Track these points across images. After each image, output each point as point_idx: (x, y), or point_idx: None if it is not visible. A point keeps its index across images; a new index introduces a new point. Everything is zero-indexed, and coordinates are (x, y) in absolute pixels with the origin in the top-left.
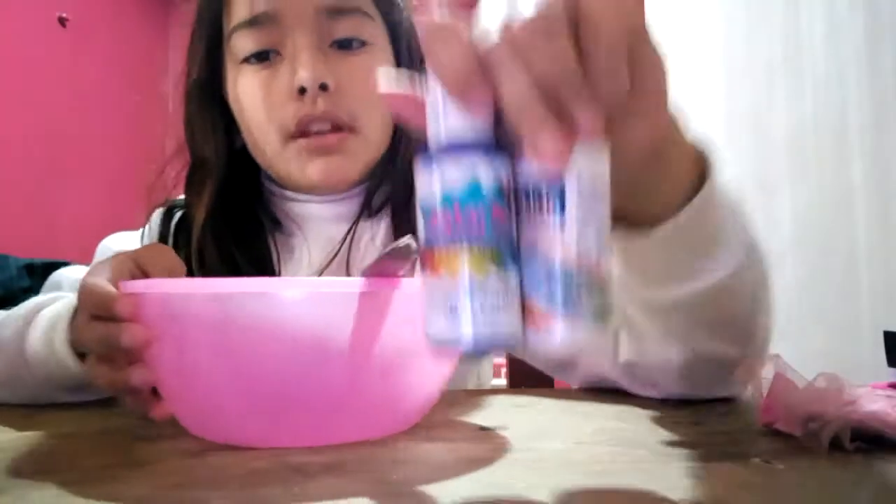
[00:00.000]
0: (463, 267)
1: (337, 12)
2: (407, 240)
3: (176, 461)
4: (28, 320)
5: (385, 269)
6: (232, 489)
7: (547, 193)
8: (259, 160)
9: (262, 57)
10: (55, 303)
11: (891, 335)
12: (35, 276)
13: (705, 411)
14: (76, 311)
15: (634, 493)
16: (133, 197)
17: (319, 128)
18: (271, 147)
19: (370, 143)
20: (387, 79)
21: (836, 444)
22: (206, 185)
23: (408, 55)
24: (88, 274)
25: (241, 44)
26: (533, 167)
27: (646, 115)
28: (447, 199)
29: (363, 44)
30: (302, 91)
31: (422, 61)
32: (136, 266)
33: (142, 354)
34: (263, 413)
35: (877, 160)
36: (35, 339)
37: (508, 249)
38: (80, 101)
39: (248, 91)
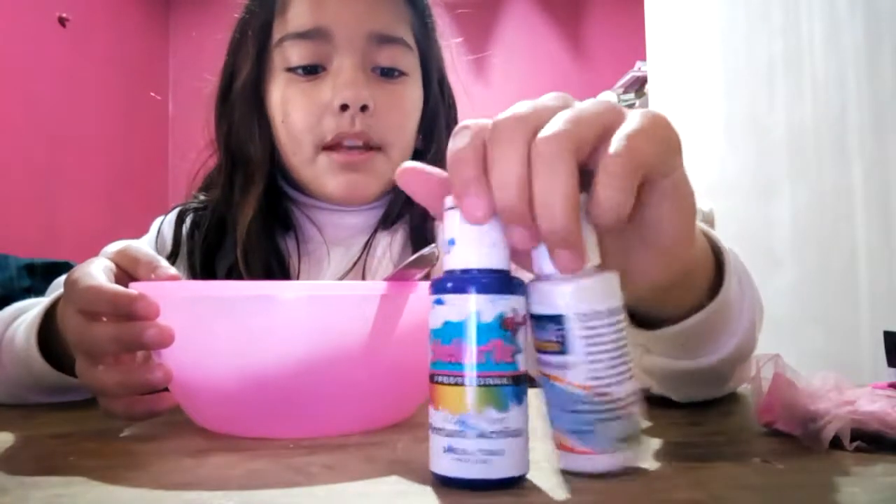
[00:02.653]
0: (460, 406)
1: (384, 40)
2: (432, 248)
3: (176, 461)
4: (7, 322)
5: (407, 275)
6: (232, 489)
7: (550, 330)
8: (287, 164)
9: (307, 69)
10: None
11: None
12: (35, 276)
13: (705, 411)
14: (47, 314)
15: (634, 492)
16: (132, 198)
17: (352, 143)
18: (303, 155)
19: (393, 164)
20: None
21: (836, 444)
22: (254, 184)
23: (439, 88)
24: (76, 278)
25: (289, 53)
26: (533, 302)
27: (666, 251)
28: (448, 331)
29: (401, 73)
30: (343, 108)
31: (450, 99)
32: (118, 268)
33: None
34: (273, 406)
35: (877, 160)
36: (7, 339)
37: (512, 388)
38: (80, 102)
39: (289, 100)
